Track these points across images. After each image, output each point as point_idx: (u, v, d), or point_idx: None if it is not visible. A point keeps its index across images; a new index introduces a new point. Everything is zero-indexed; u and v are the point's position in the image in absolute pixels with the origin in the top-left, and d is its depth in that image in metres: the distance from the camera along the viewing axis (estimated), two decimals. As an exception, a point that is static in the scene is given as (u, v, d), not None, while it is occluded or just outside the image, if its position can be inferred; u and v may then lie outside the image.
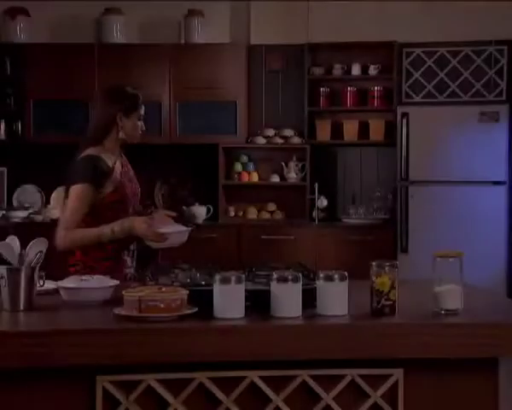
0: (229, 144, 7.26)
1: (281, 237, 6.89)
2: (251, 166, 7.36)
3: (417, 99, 7.13)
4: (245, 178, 7.31)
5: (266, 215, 7.28)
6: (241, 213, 7.32)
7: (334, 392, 2.70)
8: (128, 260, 3.82)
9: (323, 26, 7.20)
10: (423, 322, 2.74)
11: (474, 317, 2.80)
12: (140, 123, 3.86)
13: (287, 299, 2.73)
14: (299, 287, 2.75)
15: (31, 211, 7.08)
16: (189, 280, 2.97)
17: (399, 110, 6.81)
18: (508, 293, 6.43)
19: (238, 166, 7.33)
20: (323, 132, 7.19)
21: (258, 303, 2.80)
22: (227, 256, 6.53)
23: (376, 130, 7.10)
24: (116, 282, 3.15)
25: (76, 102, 7.10)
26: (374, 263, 2.79)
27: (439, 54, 7.12)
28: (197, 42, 7.17)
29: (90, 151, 3.76)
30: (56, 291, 3.10)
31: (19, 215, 6.99)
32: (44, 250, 2.98)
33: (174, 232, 3.65)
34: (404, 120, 6.70)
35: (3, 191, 7.33)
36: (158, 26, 7.30)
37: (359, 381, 2.71)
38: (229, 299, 2.70)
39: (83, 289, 3.02)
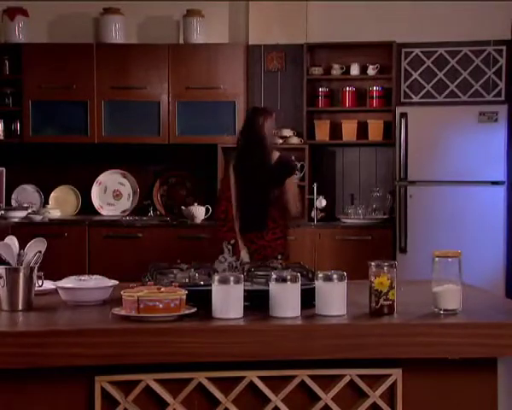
0: (228, 144, 7.23)
1: (279, 237, 6.87)
2: (250, 166, 7.33)
3: (416, 99, 7.12)
4: (244, 178, 7.28)
5: (265, 215, 7.26)
6: (239, 213, 7.29)
7: (333, 392, 2.71)
8: None
9: (322, 27, 7.19)
10: (422, 322, 2.74)
11: (472, 317, 2.80)
12: None
13: (285, 299, 2.73)
14: (297, 287, 2.75)
15: (29, 211, 7.07)
16: (187, 280, 2.97)
17: (398, 110, 6.79)
18: (506, 293, 6.43)
19: (237, 166, 7.31)
20: (322, 132, 7.18)
21: (256, 303, 2.80)
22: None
23: (375, 130, 7.09)
24: (115, 282, 3.15)
25: (75, 102, 7.09)
26: (372, 263, 2.79)
27: (437, 54, 7.12)
28: (196, 42, 7.16)
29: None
30: (55, 291, 3.10)
31: (17, 215, 6.97)
32: (43, 250, 2.98)
33: None
34: (403, 120, 6.69)
35: (2, 191, 7.32)
36: (157, 26, 7.29)
37: (358, 381, 2.71)
38: (227, 299, 2.70)
39: (81, 290, 3.02)
